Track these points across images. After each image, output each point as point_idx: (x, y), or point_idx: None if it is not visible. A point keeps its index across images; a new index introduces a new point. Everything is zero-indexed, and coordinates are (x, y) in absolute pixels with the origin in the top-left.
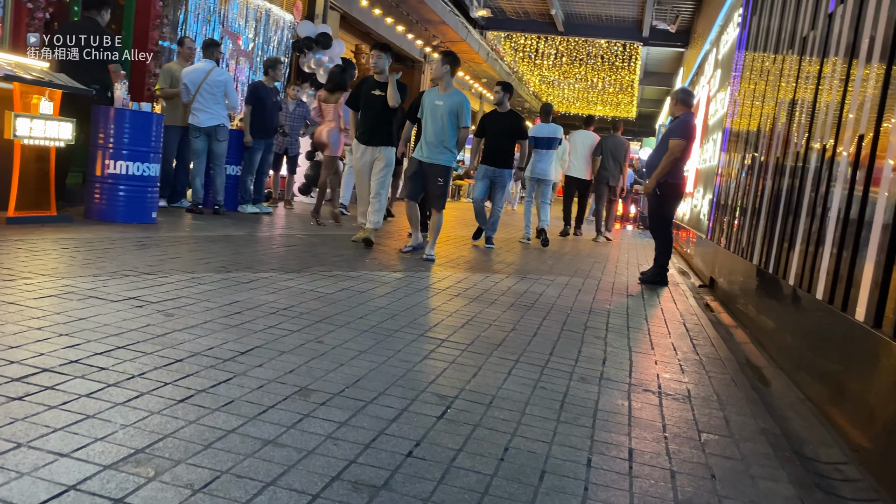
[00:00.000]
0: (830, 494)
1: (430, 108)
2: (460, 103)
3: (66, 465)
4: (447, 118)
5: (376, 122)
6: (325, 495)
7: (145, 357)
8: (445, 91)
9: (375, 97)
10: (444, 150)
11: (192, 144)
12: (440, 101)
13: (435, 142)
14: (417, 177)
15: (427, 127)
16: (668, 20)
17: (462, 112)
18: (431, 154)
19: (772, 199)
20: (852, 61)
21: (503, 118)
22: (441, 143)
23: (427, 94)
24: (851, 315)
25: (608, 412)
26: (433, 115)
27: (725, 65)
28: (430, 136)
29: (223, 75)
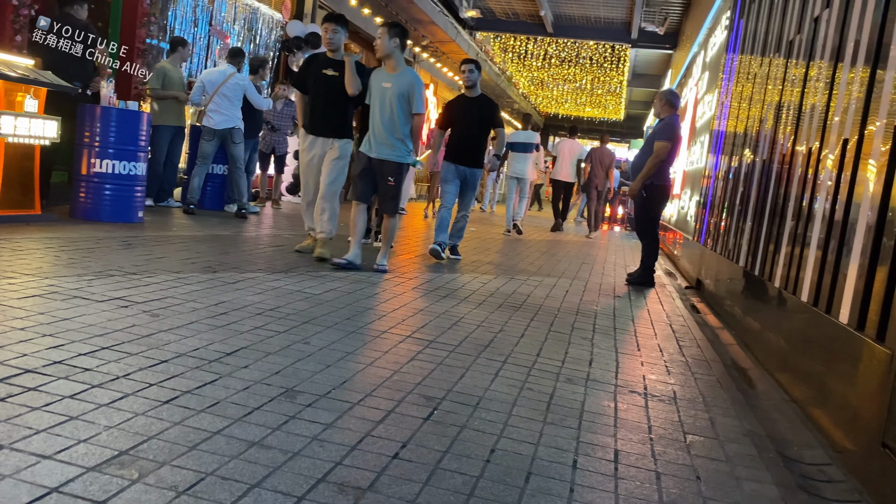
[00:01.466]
0: (814, 496)
1: (378, 91)
2: (411, 84)
3: (48, 468)
4: (397, 103)
5: (328, 108)
6: (311, 497)
7: (130, 358)
8: (394, 70)
9: (328, 78)
10: (395, 142)
11: (202, 146)
12: (388, 82)
13: (384, 133)
14: (367, 175)
15: (375, 115)
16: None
17: (414, 95)
18: (380, 148)
19: (758, 201)
20: (837, 65)
21: (472, 105)
22: (391, 134)
23: (374, 76)
24: (836, 317)
25: (594, 413)
26: (381, 101)
27: (713, 67)
28: (379, 125)
29: (244, 80)
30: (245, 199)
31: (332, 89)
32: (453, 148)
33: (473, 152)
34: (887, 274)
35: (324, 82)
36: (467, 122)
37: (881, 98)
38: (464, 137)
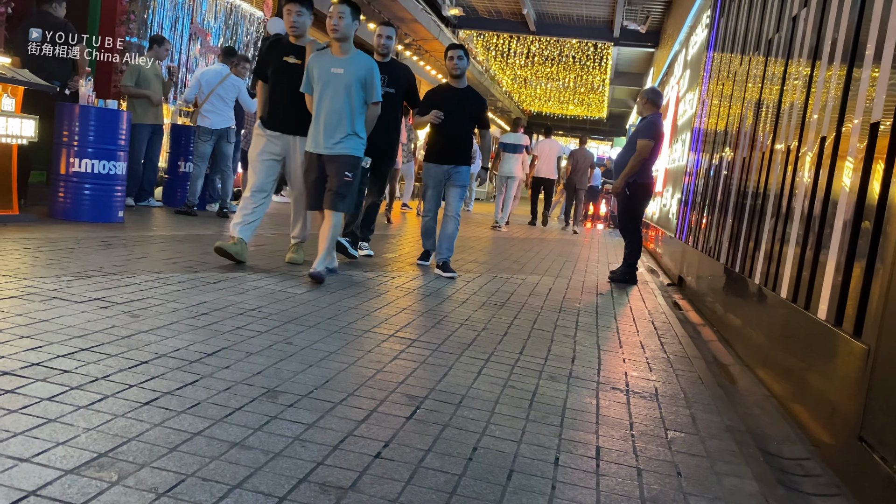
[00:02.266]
0: (793, 490)
1: (326, 78)
2: (369, 70)
3: (26, 471)
4: (355, 91)
5: (292, 101)
6: (292, 497)
7: (110, 359)
8: (345, 54)
9: (290, 67)
10: (350, 135)
11: (200, 147)
12: (339, 67)
13: (337, 126)
14: (322, 182)
15: (323, 105)
16: (639, 21)
17: (372, 82)
18: (332, 143)
19: (738, 198)
20: (815, 63)
21: (460, 96)
22: (346, 126)
23: (316, 61)
24: (814, 313)
25: (576, 410)
26: (332, 89)
27: (694, 65)
28: (328, 117)
29: (239, 81)
30: (229, 198)
31: (296, 80)
32: (436, 145)
33: (460, 149)
34: (864, 270)
35: (286, 72)
36: (453, 114)
37: (857, 96)
38: (448, 132)
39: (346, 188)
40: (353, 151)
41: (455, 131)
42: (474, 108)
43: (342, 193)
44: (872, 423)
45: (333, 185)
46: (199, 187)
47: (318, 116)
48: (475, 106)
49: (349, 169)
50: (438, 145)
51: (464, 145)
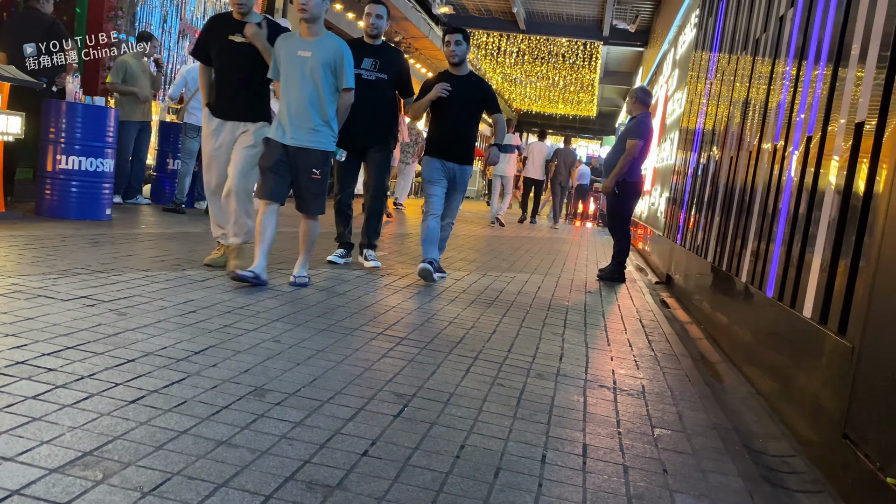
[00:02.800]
0: (777, 487)
1: (292, 62)
2: (340, 52)
3: (9, 469)
4: (322, 76)
5: (239, 84)
6: (279, 496)
7: (96, 357)
8: (314, 36)
9: (236, 46)
10: (318, 126)
11: (189, 144)
12: (306, 50)
13: (305, 114)
14: (281, 168)
15: (289, 91)
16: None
17: (343, 66)
18: (299, 134)
19: (725, 197)
20: (801, 63)
21: (461, 85)
22: (315, 115)
23: (283, 43)
24: (800, 311)
25: (564, 408)
26: (299, 74)
27: (683, 65)
28: (297, 105)
29: None
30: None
31: (243, 60)
32: (438, 139)
33: (464, 144)
34: (849, 269)
35: (231, 52)
36: (456, 106)
37: (843, 96)
38: (451, 126)
39: (317, 187)
40: (322, 145)
41: (458, 125)
42: (479, 95)
43: (314, 193)
44: (856, 421)
45: (302, 186)
46: (188, 185)
47: (287, 104)
48: (479, 93)
49: (318, 165)
50: (441, 140)
51: (468, 141)
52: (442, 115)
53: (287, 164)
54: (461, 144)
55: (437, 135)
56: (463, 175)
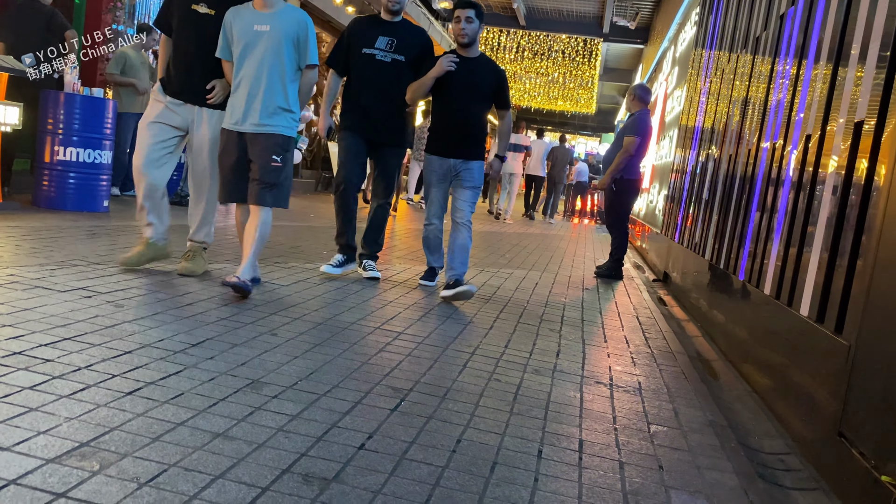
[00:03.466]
0: (772, 484)
1: (248, 38)
2: (303, 24)
3: (6, 459)
4: (284, 52)
5: (200, 62)
6: (275, 488)
7: (93, 348)
8: (271, 7)
9: (199, 18)
10: (280, 108)
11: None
12: (263, 24)
13: (264, 97)
14: (241, 168)
15: (244, 72)
16: (628, 17)
17: (307, 39)
18: (258, 118)
19: (724, 196)
20: (801, 62)
21: (471, 68)
22: (274, 96)
23: (235, 16)
24: (797, 310)
25: (560, 404)
26: (256, 51)
27: (683, 62)
28: (252, 87)
29: None
30: None
31: (206, 34)
32: (439, 132)
33: (471, 138)
34: (846, 268)
35: (194, 23)
36: (463, 92)
37: (842, 96)
38: (455, 116)
39: (274, 175)
40: (282, 130)
41: (464, 115)
42: (490, 83)
43: (270, 182)
44: (852, 419)
45: (258, 173)
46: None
47: (239, 86)
48: (491, 80)
49: (278, 151)
50: (443, 133)
51: (476, 133)
52: (444, 103)
53: (244, 154)
54: (467, 139)
55: (438, 126)
56: (469, 170)
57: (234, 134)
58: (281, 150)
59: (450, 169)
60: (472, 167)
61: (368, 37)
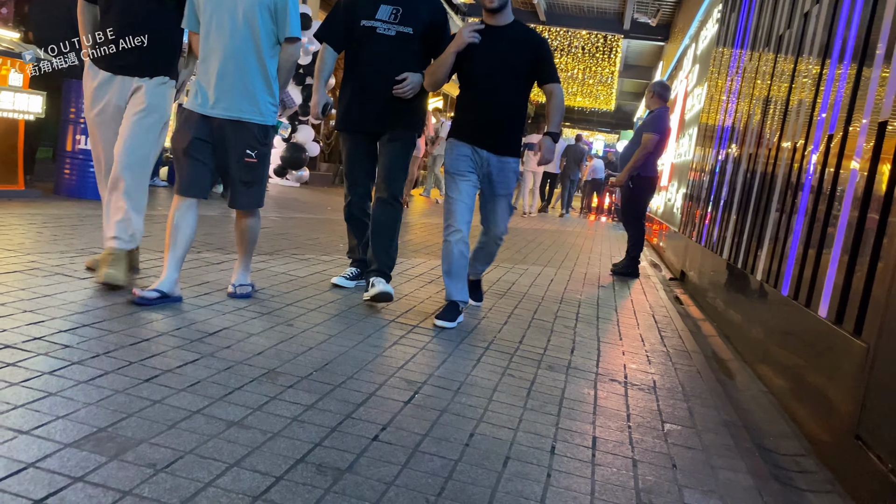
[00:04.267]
0: (787, 485)
1: (217, 5)
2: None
3: (25, 443)
4: (259, 23)
5: (132, 25)
6: (289, 477)
7: (111, 335)
8: None
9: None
10: (254, 90)
11: None
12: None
13: (236, 75)
14: (200, 151)
15: (215, 45)
16: (649, 14)
17: (286, 8)
18: (228, 101)
19: (743, 195)
20: (825, 61)
21: (504, 38)
22: (251, 74)
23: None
24: (815, 311)
25: (574, 401)
26: (228, 20)
27: (704, 60)
28: (225, 62)
29: None
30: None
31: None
32: (467, 118)
33: (503, 127)
34: (866, 270)
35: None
36: (492, 69)
37: (866, 96)
38: (485, 98)
39: (250, 173)
40: (259, 116)
41: (495, 97)
42: (525, 55)
43: (246, 182)
44: (869, 422)
45: (230, 174)
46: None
47: (207, 63)
48: (526, 52)
49: (253, 144)
50: (470, 122)
51: (511, 122)
52: (470, 85)
53: (209, 143)
54: (499, 126)
55: (466, 111)
56: (503, 171)
57: (195, 115)
58: (257, 142)
59: (481, 162)
60: (507, 167)
61: (368, 6)
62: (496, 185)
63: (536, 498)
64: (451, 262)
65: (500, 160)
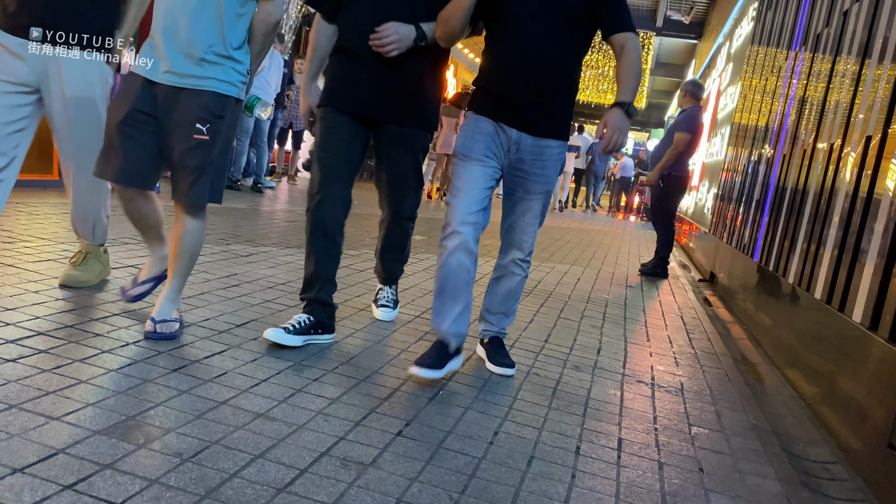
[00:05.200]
0: (817, 493)
1: None
2: None
3: (56, 429)
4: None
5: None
6: (313, 470)
7: (141, 325)
8: None
9: None
10: (215, 53)
11: (242, 122)
12: None
13: (192, 33)
14: (139, 124)
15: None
16: (683, 11)
17: None
18: (180, 63)
19: (776, 196)
20: (864, 61)
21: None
22: (210, 34)
23: None
24: (849, 316)
25: (600, 401)
26: None
27: (738, 59)
28: (177, 18)
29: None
30: (263, 173)
31: None
32: (499, 79)
33: (548, 91)
34: None
35: None
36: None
37: None
38: (524, 49)
39: (198, 154)
40: (214, 84)
41: (540, 52)
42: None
43: (195, 167)
44: None
45: (175, 155)
46: (244, 163)
47: (159, 18)
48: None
49: (205, 117)
50: (500, 85)
51: (560, 87)
52: (504, 31)
53: (153, 117)
54: (541, 94)
55: (493, 73)
56: (541, 158)
57: (139, 80)
58: (211, 115)
59: (508, 145)
60: (548, 153)
61: None
62: (530, 177)
63: (561, 498)
64: (444, 276)
65: (539, 143)
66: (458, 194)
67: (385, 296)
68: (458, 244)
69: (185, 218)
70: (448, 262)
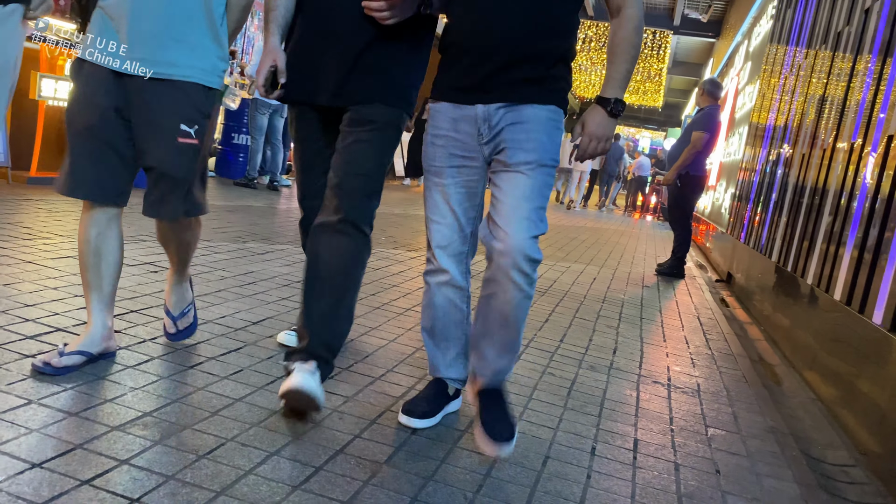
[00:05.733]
0: (835, 496)
1: None
2: None
3: (74, 424)
4: None
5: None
6: (328, 468)
7: (157, 322)
8: None
9: None
10: (194, 35)
11: (258, 120)
12: None
13: (164, 12)
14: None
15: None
16: (700, 10)
17: None
18: (151, 49)
19: (795, 196)
20: (886, 59)
21: None
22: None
23: None
24: (868, 318)
25: (615, 402)
26: None
27: (756, 57)
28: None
29: None
30: (279, 171)
31: None
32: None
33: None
34: None
35: None
36: None
37: None
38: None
39: (185, 165)
40: (198, 75)
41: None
42: None
43: (181, 179)
44: None
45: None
46: (259, 161)
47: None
48: None
49: (191, 116)
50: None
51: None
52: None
53: (121, 119)
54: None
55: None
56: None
57: (102, 72)
58: (198, 113)
59: (477, 125)
60: (532, 117)
61: None
62: (510, 146)
63: (576, 499)
64: (432, 316)
65: (517, 110)
66: (429, 224)
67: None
68: (444, 282)
69: (174, 232)
70: (434, 301)
